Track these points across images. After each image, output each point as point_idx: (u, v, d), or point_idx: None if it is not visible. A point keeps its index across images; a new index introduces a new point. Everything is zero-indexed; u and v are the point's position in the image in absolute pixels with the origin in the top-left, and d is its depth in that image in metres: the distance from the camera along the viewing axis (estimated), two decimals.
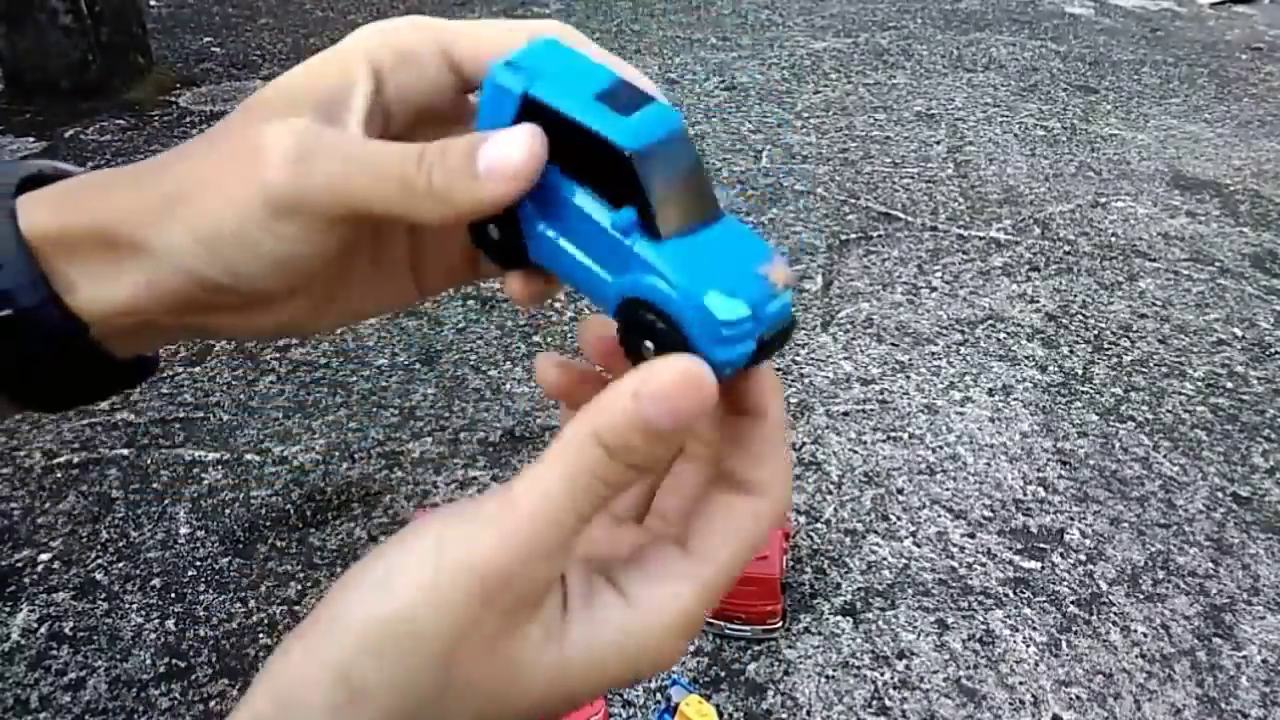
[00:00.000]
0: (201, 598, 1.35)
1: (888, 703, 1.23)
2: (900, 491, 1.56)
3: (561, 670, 0.24)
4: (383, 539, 1.46)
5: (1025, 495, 1.57)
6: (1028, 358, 1.91)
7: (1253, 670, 1.29)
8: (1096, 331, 2.00)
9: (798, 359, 1.88)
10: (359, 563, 0.25)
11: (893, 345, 1.93)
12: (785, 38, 3.76)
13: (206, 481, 1.55)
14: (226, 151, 0.27)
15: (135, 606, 1.34)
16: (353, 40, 0.29)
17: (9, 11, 2.91)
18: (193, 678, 1.24)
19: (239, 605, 1.34)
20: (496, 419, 1.69)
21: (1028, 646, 1.31)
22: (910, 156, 2.75)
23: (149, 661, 1.26)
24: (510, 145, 0.25)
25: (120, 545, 1.44)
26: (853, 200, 2.48)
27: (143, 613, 1.33)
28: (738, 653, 1.29)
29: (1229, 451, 1.69)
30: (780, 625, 1.31)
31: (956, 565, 1.43)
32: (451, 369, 1.83)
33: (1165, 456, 1.67)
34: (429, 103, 0.30)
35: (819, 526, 1.49)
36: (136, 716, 1.19)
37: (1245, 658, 1.31)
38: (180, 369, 1.80)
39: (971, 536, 1.48)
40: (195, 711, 1.19)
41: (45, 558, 1.42)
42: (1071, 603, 1.38)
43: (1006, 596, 1.38)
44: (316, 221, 0.26)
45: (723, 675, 1.26)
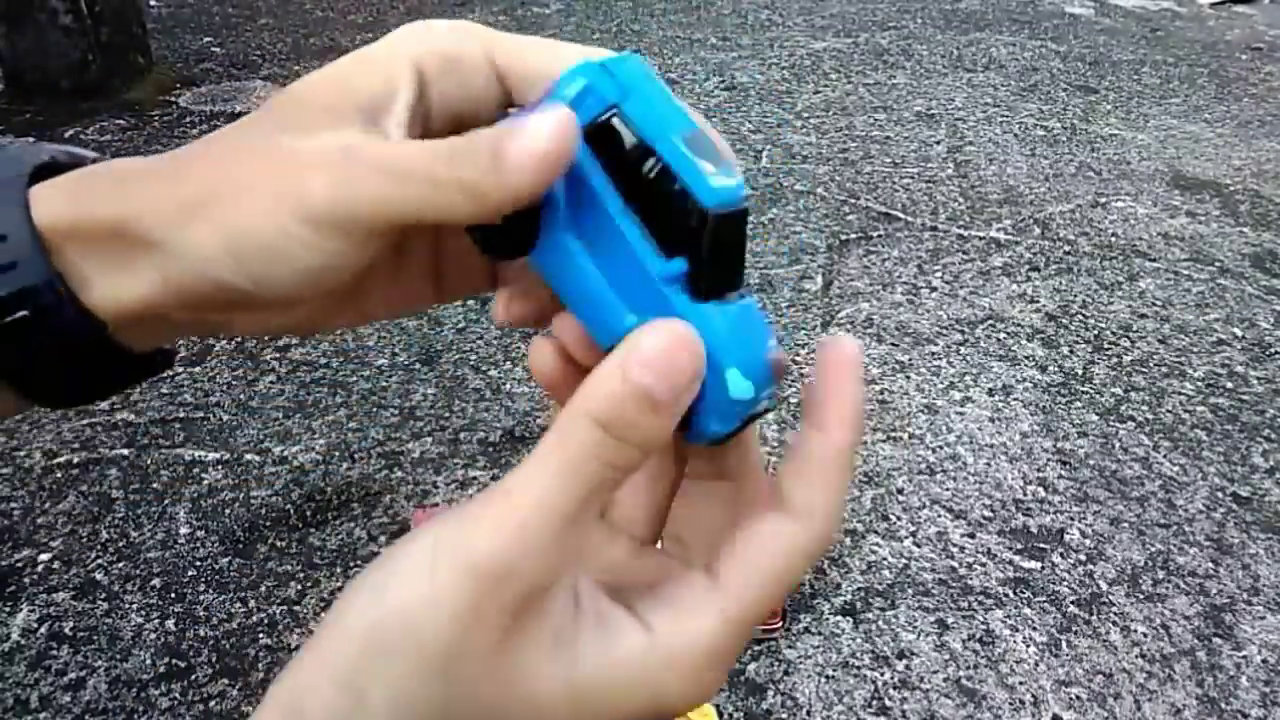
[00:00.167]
0: (201, 598, 1.35)
1: (888, 703, 1.23)
2: (900, 491, 1.56)
3: (572, 689, 0.23)
4: (383, 539, 1.47)
5: (1025, 495, 1.57)
6: (1028, 358, 1.91)
7: (1253, 670, 1.29)
8: (1096, 331, 2.00)
9: (798, 359, 1.88)
10: (363, 571, 0.25)
11: (893, 345, 1.93)
12: (785, 38, 3.76)
13: (206, 481, 1.55)
14: (261, 158, 0.26)
15: (135, 606, 1.34)
16: (395, 42, 0.28)
17: (9, 11, 2.91)
18: (193, 678, 1.24)
19: (239, 605, 1.34)
20: (496, 419, 1.69)
21: (1028, 646, 1.31)
22: (910, 156, 2.75)
23: (149, 661, 1.26)
24: (539, 132, 0.24)
25: (120, 545, 1.44)
26: (853, 200, 2.48)
27: (143, 613, 1.33)
28: None
29: (1229, 451, 1.69)
30: (780, 625, 1.31)
31: (956, 565, 1.43)
32: (451, 369, 1.83)
33: (1165, 456, 1.67)
34: (471, 112, 0.29)
35: None
36: (136, 716, 1.19)
37: (1245, 658, 1.31)
38: (180, 369, 1.80)
39: (971, 536, 1.48)
40: (195, 711, 1.19)
41: (45, 558, 1.42)
42: (1071, 603, 1.38)
43: (1006, 596, 1.38)
44: (356, 235, 0.26)
45: None
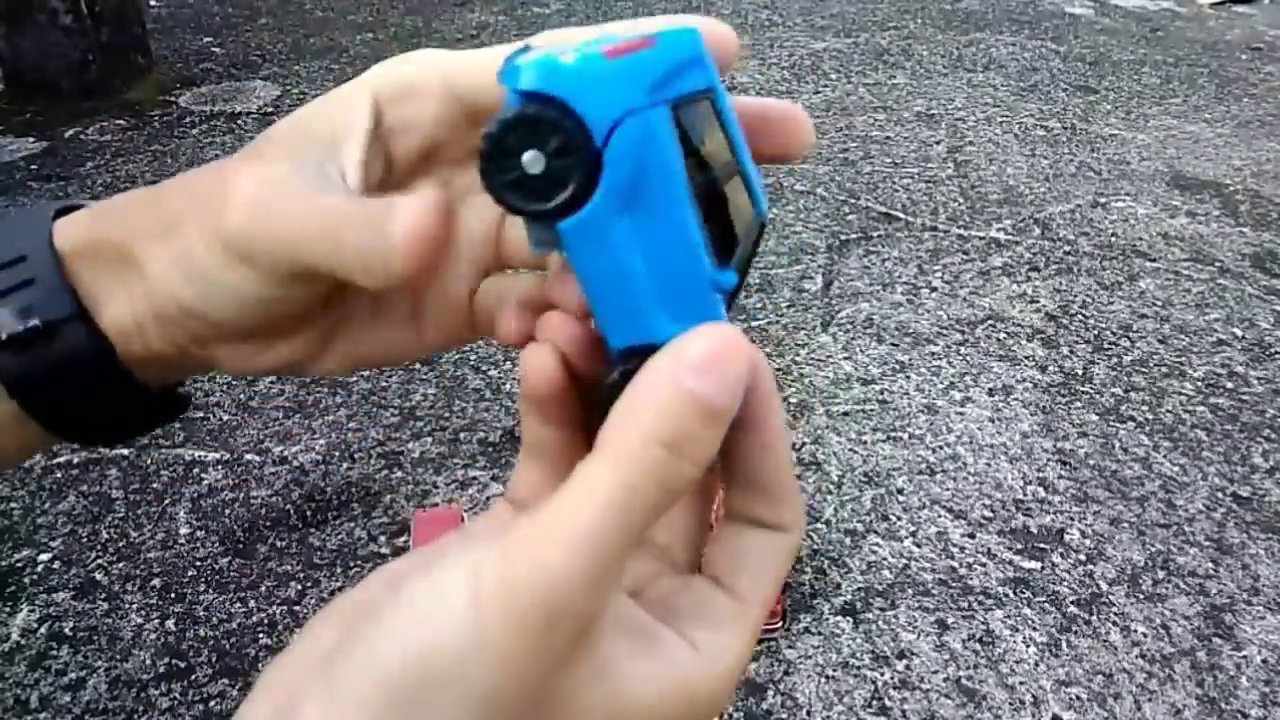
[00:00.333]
0: (201, 598, 1.35)
1: (888, 703, 1.23)
2: (900, 491, 1.56)
3: (623, 715, 0.23)
4: (383, 539, 1.47)
5: (1025, 495, 1.57)
6: (1028, 358, 1.91)
7: (1253, 670, 1.29)
8: (1096, 331, 2.00)
9: (798, 359, 1.88)
10: (361, 598, 0.22)
11: (893, 345, 1.93)
12: (785, 38, 3.76)
13: (206, 481, 1.55)
14: (210, 186, 0.28)
15: (135, 606, 1.34)
16: (360, 79, 0.29)
17: (9, 11, 2.91)
18: (193, 678, 1.24)
19: (239, 605, 1.34)
20: (496, 419, 1.69)
21: (1028, 646, 1.31)
22: (910, 156, 2.75)
23: (149, 661, 1.26)
24: (419, 214, 0.24)
25: (120, 545, 1.44)
26: (853, 200, 2.48)
27: (143, 613, 1.33)
28: None
29: (1229, 451, 1.69)
30: (780, 625, 1.31)
31: (956, 565, 1.43)
32: (451, 369, 1.83)
33: (1165, 456, 1.67)
34: (434, 136, 0.29)
35: (819, 526, 1.49)
36: (136, 716, 1.19)
37: (1245, 658, 1.31)
38: None
39: (971, 536, 1.48)
40: (195, 711, 1.19)
41: (45, 558, 1.42)
42: (1071, 603, 1.38)
43: (1006, 596, 1.38)
44: (270, 270, 0.27)
45: None
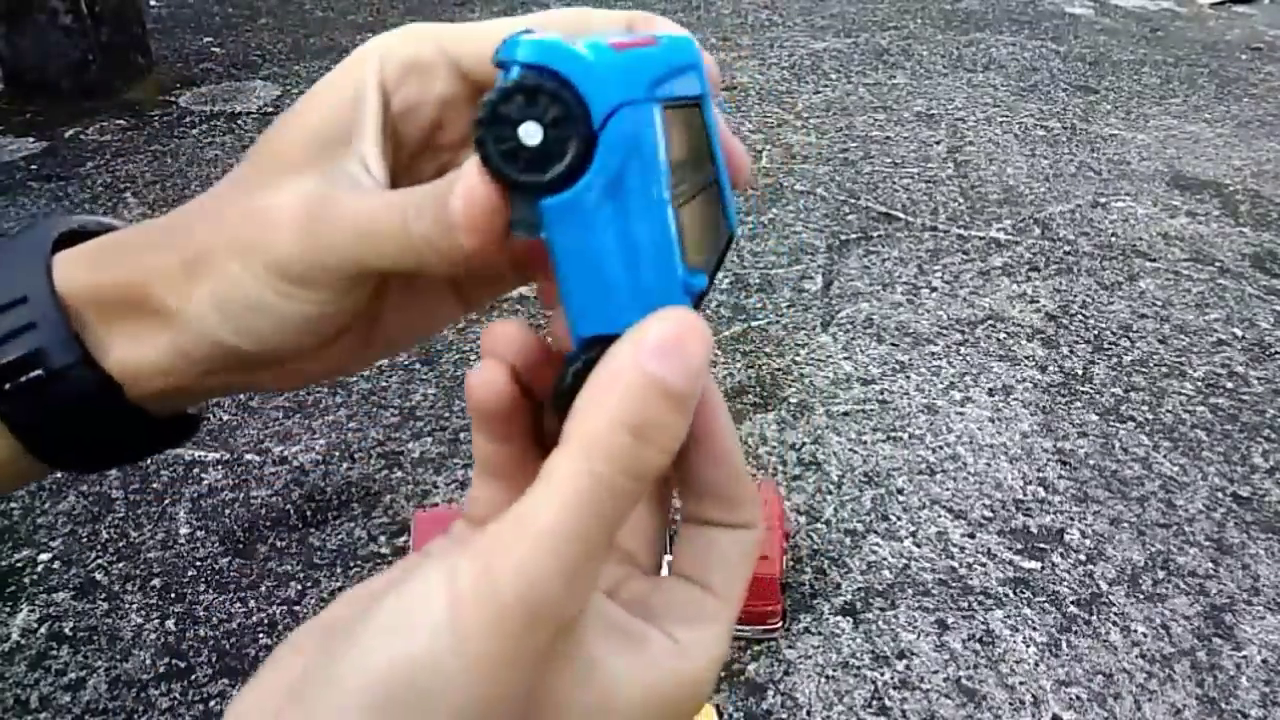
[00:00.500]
0: (201, 598, 1.35)
1: (888, 703, 1.23)
2: (900, 491, 1.56)
3: (609, 714, 0.22)
4: (383, 539, 1.47)
5: (1025, 495, 1.57)
6: (1028, 358, 1.91)
7: (1253, 670, 1.29)
8: (1096, 331, 2.00)
9: (798, 359, 1.88)
10: (329, 621, 0.22)
11: (893, 345, 1.93)
12: (785, 38, 3.76)
13: (206, 481, 1.55)
14: (240, 216, 0.27)
15: (135, 606, 1.34)
16: (354, 63, 0.27)
17: (9, 11, 2.91)
18: (193, 678, 1.24)
19: (239, 605, 1.34)
20: None
21: (1028, 646, 1.31)
22: (910, 156, 2.75)
23: (149, 661, 1.26)
24: (466, 194, 0.22)
25: (120, 545, 1.44)
26: (853, 200, 2.48)
27: (143, 613, 1.33)
28: (738, 653, 1.29)
29: (1229, 451, 1.69)
30: (780, 625, 1.31)
31: (956, 565, 1.43)
32: (451, 369, 1.83)
33: (1165, 456, 1.67)
34: (440, 115, 0.28)
35: (819, 526, 1.49)
36: (136, 716, 1.19)
37: (1245, 658, 1.31)
38: None
39: (971, 536, 1.48)
40: (195, 711, 1.19)
41: (45, 558, 1.42)
42: (1071, 603, 1.38)
43: (1006, 596, 1.38)
44: (332, 285, 0.26)
45: (723, 675, 1.26)
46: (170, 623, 1.31)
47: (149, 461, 1.59)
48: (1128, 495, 1.58)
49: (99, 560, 1.41)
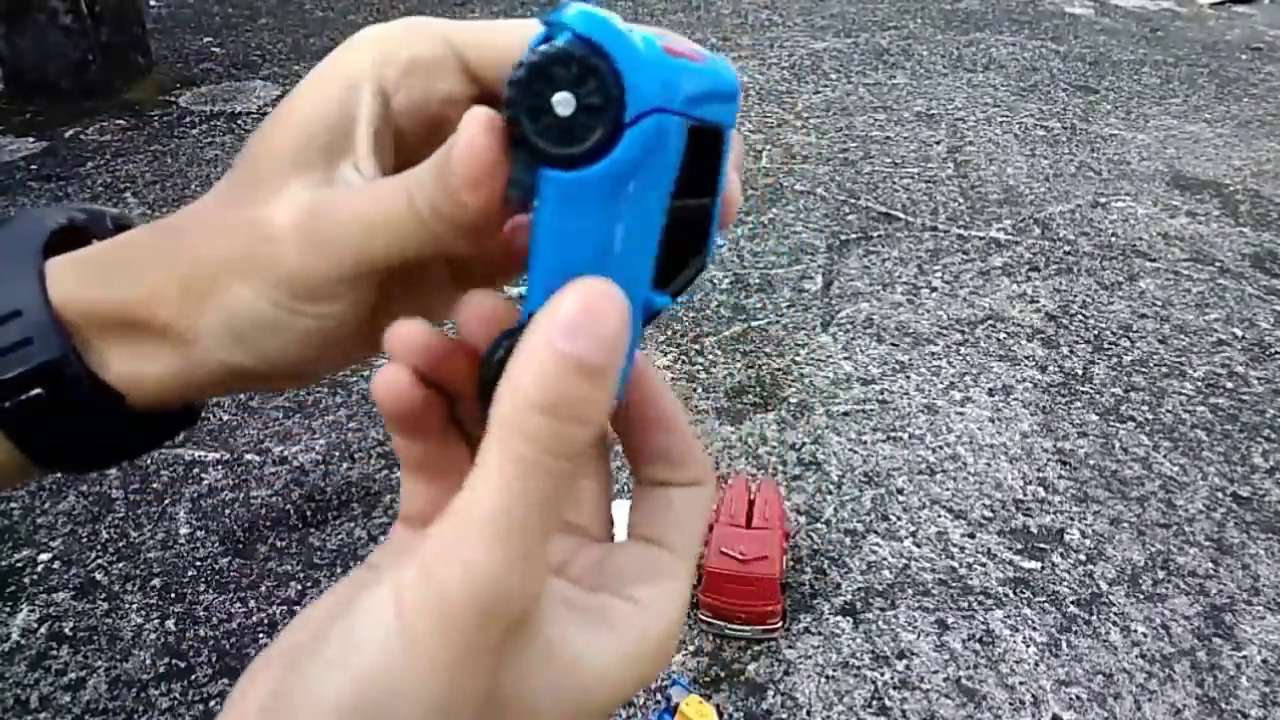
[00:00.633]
0: (201, 598, 1.35)
1: (888, 703, 1.23)
2: (900, 491, 1.56)
3: (580, 691, 0.23)
4: (383, 539, 1.47)
5: (1025, 495, 1.57)
6: (1028, 358, 1.91)
7: (1253, 670, 1.29)
8: (1096, 331, 2.00)
9: (798, 359, 1.88)
10: (289, 645, 0.22)
11: (893, 345, 1.93)
12: (785, 38, 3.76)
13: (206, 481, 1.55)
14: (237, 230, 0.26)
15: (135, 606, 1.34)
16: (347, 57, 0.26)
17: (9, 11, 2.91)
18: (193, 678, 1.24)
19: (239, 605, 1.34)
20: None
21: (1028, 646, 1.31)
22: (910, 156, 2.75)
23: (149, 661, 1.26)
24: (467, 145, 0.22)
25: (120, 545, 1.44)
26: (853, 200, 2.48)
27: (143, 613, 1.33)
28: (738, 653, 1.29)
29: (1229, 451, 1.69)
30: (780, 625, 1.31)
31: (956, 565, 1.43)
32: None
33: (1165, 456, 1.67)
34: (444, 112, 0.27)
35: (819, 526, 1.49)
36: (136, 716, 1.19)
37: (1245, 658, 1.31)
38: None
39: (971, 536, 1.48)
40: (195, 711, 1.19)
41: (45, 558, 1.42)
42: (1071, 603, 1.38)
43: (1006, 596, 1.38)
44: (340, 294, 0.26)
45: (723, 675, 1.26)
46: (170, 623, 1.31)
47: (149, 461, 1.59)
48: (1128, 495, 1.58)
49: (99, 560, 1.41)
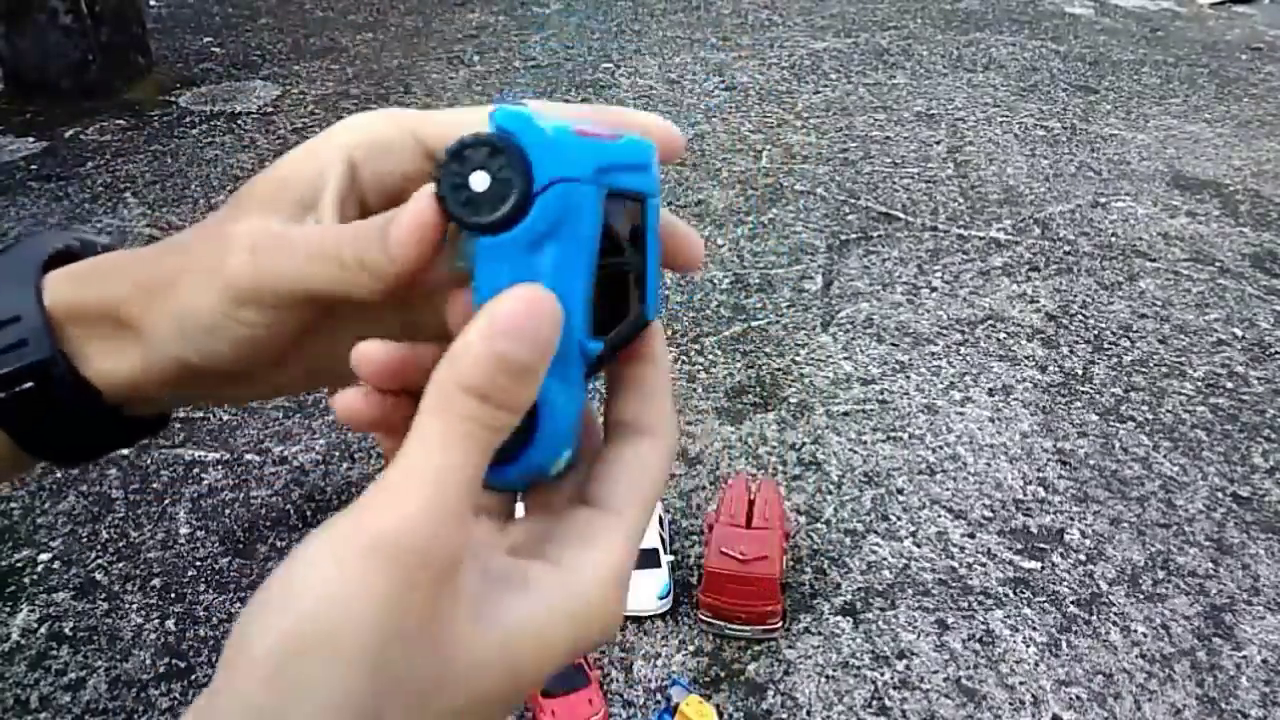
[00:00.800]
0: (201, 598, 1.35)
1: (888, 703, 1.23)
2: (900, 491, 1.56)
3: (506, 649, 0.24)
4: None
5: (1025, 495, 1.57)
6: (1028, 358, 1.91)
7: (1253, 670, 1.29)
8: (1096, 331, 2.00)
9: (798, 359, 1.88)
10: (253, 596, 0.24)
11: (893, 345, 1.93)
12: (785, 38, 3.76)
13: (206, 481, 1.55)
14: (204, 244, 0.30)
15: (135, 606, 1.34)
16: (332, 134, 0.31)
17: (9, 11, 2.91)
18: (193, 678, 1.24)
19: (239, 605, 1.34)
20: None
21: (1028, 646, 1.31)
22: (910, 156, 2.75)
23: (149, 661, 1.26)
24: (423, 210, 0.26)
25: (120, 545, 1.44)
26: (853, 200, 2.48)
27: (143, 613, 1.33)
28: (738, 653, 1.29)
29: (1229, 451, 1.69)
30: (780, 625, 1.31)
31: (956, 565, 1.43)
32: None
33: (1165, 456, 1.67)
34: (403, 187, 0.31)
35: (819, 526, 1.49)
36: (136, 716, 1.19)
37: (1245, 658, 1.31)
38: None
39: (971, 536, 1.48)
40: None
41: (45, 558, 1.42)
42: (1071, 603, 1.38)
43: (1006, 596, 1.38)
44: (275, 306, 0.29)
45: (723, 675, 1.26)
46: (170, 623, 1.31)
47: (149, 461, 1.59)
48: (1128, 495, 1.58)
49: (99, 560, 1.41)
